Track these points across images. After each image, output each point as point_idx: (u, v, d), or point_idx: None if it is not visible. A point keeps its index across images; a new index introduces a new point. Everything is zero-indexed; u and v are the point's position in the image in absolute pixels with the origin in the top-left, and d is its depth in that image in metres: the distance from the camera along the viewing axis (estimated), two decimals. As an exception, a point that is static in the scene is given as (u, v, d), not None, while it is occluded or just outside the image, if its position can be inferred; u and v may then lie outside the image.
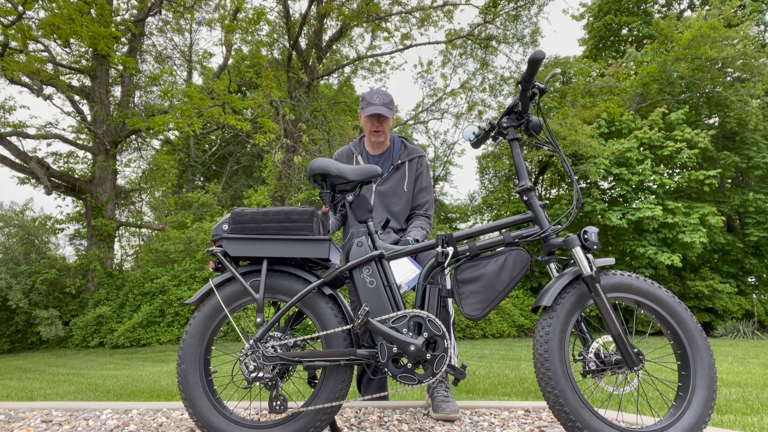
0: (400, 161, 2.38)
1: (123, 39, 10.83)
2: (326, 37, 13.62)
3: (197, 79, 16.00)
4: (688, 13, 16.44)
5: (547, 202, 3.23)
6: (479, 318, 1.59)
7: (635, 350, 1.51)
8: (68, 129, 12.82)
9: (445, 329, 1.57)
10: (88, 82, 11.60)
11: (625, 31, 16.95)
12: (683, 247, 11.05)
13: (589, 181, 12.11)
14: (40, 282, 9.90)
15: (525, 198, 1.67)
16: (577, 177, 11.70)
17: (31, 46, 9.98)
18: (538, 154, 12.96)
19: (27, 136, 10.86)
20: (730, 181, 13.59)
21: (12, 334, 10.08)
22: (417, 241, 2.22)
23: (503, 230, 1.71)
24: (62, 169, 12.44)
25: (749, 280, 13.00)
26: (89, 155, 12.42)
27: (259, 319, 1.61)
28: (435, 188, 18.71)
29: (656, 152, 11.86)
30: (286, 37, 12.79)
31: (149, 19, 11.86)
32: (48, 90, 11.42)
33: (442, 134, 30.08)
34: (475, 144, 1.83)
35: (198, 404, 1.60)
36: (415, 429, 1.89)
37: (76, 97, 11.66)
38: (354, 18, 12.19)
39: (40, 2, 8.69)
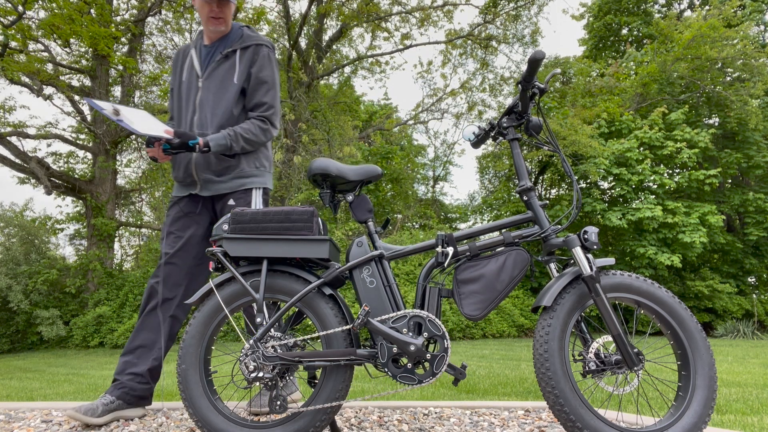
0: (230, 49, 2.02)
1: (123, 39, 10.83)
2: (326, 37, 13.62)
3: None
4: (688, 13, 16.45)
5: (547, 202, 3.24)
6: (479, 318, 1.59)
7: (635, 350, 1.51)
8: (68, 129, 12.82)
9: (444, 329, 1.57)
10: (88, 82, 11.60)
11: (625, 31, 16.96)
12: (683, 247, 11.05)
13: (589, 181, 12.11)
14: (41, 282, 9.90)
15: (525, 198, 1.67)
16: (577, 177, 11.70)
17: (31, 46, 9.98)
18: (538, 154, 12.96)
19: (27, 136, 10.86)
20: (730, 181, 13.59)
21: (12, 334, 10.08)
22: (208, 144, 1.88)
23: (503, 230, 1.71)
24: (62, 169, 12.45)
25: (749, 280, 12.99)
26: (89, 155, 12.43)
27: (259, 319, 1.61)
28: (435, 188, 18.67)
29: (656, 152, 11.86)
30: (286, 37, 12.79)
31: (149, 19, 11.85)
32: (48, 90, 11.42)
33: (442, 134, 30.17)
34: (475, 144, 1.84)
35: (198, 404, 1.60)
36: (415, 429, 1.89)
37: (76, 97, 11.66)
38: (354, 18, 12.19)
39: (40, 2, 8.69)
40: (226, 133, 1.94)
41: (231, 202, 2.01)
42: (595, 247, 1.55)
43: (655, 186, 11.78)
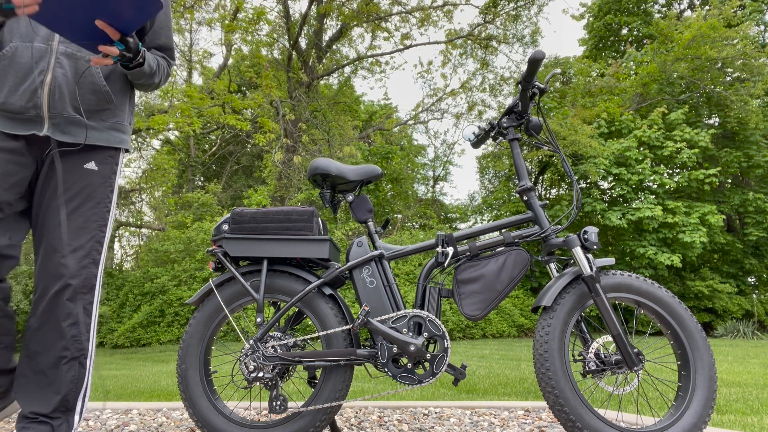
0: None
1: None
2: (326, 37, 13.62)
3: (197, 79, 16.00)
4: (688, 13, 16.45)
5: (547, 202, 3.24)
6: (479, 318, 1.60)
7: (635, 350, 1.52)
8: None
9: (444, 329, 1.57)
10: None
11: (625, 31, 16.96)
12: (683, 246, 11.06)
13: (589, 181, 12.11)
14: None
15: (525, 198, 1.67)
16: (577, 177, 11.70)
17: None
18: (538, 154, 12.96)
19: (27, 136, 10.84)
20: (730, 180, 13.59)
21: (12, 334, 10.09)
22: (144, 57, 1.37)
23: (503, 230, 1.71)
24: (62, 169, 12.42)
25: (749, 280, 12.99)
26: (89, 155, 12.40)
27: (259, 319, 1.61)
28: (435, 188, 18.70)
29: (656, 152, 11.87)
30: (286, 37, 12.79)
31: (149, 19, 11.83)
32: (48, 90, 11.40)
33: (442, 134, 30.21)
34: (475, 144, 1.84)
35: (198, 404, 1.60)
36: (415, 429, 1.89)
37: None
38: (354, 18, 12.19)
39: (40, 2, 8.68)
40: (155, 57, 1.49)
41: (92, 165, 1.44)
42: (595, 247, 1.55)
43: (655, 186, 11.79)
